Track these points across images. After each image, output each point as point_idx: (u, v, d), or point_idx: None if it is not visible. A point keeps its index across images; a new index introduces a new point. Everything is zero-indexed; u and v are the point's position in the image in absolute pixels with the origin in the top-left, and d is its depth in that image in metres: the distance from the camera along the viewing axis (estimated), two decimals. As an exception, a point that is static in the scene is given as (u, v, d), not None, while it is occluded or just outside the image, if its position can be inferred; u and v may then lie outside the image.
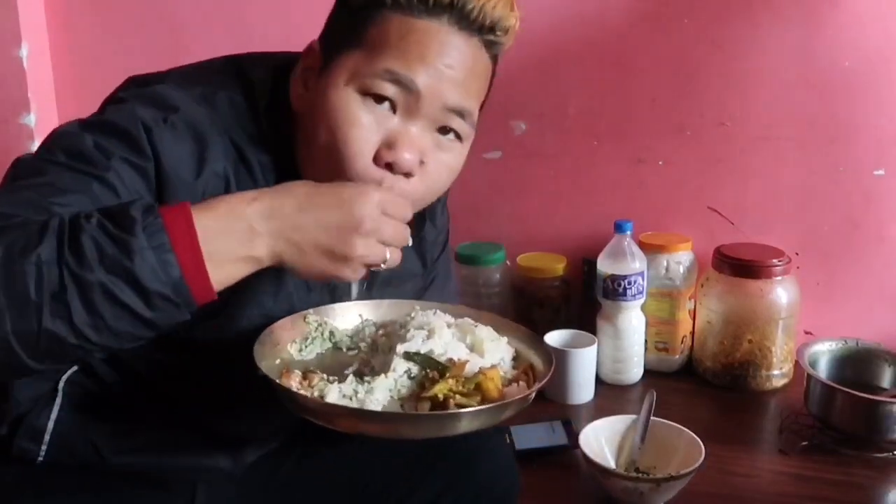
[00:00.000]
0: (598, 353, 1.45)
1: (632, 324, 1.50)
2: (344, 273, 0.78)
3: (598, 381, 1.48)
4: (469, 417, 0.77)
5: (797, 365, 1.44)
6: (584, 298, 1.64)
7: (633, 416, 1.19)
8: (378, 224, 0.77)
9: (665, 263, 1.54)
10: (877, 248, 1.56)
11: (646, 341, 1.53)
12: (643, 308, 1.52)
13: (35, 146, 1.83)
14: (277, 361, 0.88)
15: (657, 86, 1.58)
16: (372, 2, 0.84)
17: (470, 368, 0.84)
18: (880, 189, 1.53)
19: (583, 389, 1.44)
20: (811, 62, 1.51)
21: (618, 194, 1.65)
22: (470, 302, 1.33)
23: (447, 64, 0.84)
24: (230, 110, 0.88)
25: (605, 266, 1.50)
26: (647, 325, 1.53)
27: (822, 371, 1.35)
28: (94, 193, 0.77)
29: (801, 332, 1.56)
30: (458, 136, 0.89)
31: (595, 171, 1.65)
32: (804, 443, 1.28)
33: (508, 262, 1.66)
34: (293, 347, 0.91)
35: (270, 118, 0.90)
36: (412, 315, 0.93)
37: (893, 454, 1.24)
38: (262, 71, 0.92)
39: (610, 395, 1.47)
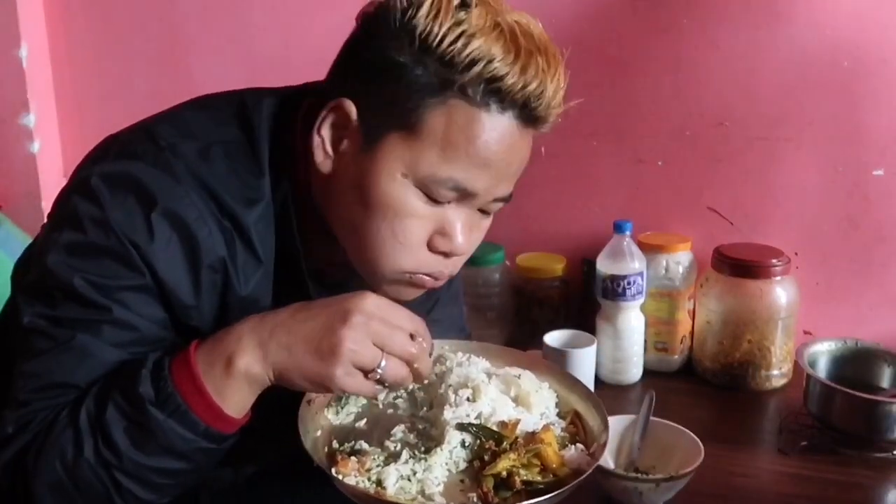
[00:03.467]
0: (597, 353, 1.44)
1: (631, 324, 1.50)
2: (335, 373, 0.75)
3: (598, 381, 1.48)
4: None
5: (796, 365, 1.44)
6: (583, 298, 1.64)
7: (633, 417, 1.19)
8: (368, 320, 0.76)
9: (664, 263, 1.54)
10: (876, 248, 1.56)
11: (645, 341, 1.53)
12: (642, 308, 1.52)
13: (34, 146, 1.84)
14: (319, 433, 0.87)
15: (657, 86, 1.58)
16: (435, 86, 0.78)
17: (520, 427, 0.85)
18: (880, 189, 1.53)
19: (582, 389, 1.44)
20: (811, 62, 1.50)
21: (617, 194, 1.65)
22: (469, 302, 1.33)
23: (508, 163, 0.84)
24: (227, 163, 0.84)
25: (604, 266, 1.50)
26: (647, 325, 1.53)
27: (822, 371, 1.35)
28: (107, 340, 0.80)
29: (801, 332, 1.56)
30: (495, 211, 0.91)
31: (595, 171, 1.65)
32: (804, 443, 1.28)
33: (508, 263, 1.66)
34: (329, 411, 0.89)
35: (272, 164, 0.87)
36: (447, 365, 0.91)
37: (893, 454, 1.24)
38: (264, 109, 0.89)
39: (609, 396, 1.46)
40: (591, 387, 1.45)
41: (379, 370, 0.76)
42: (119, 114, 0.92)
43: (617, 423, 1.18)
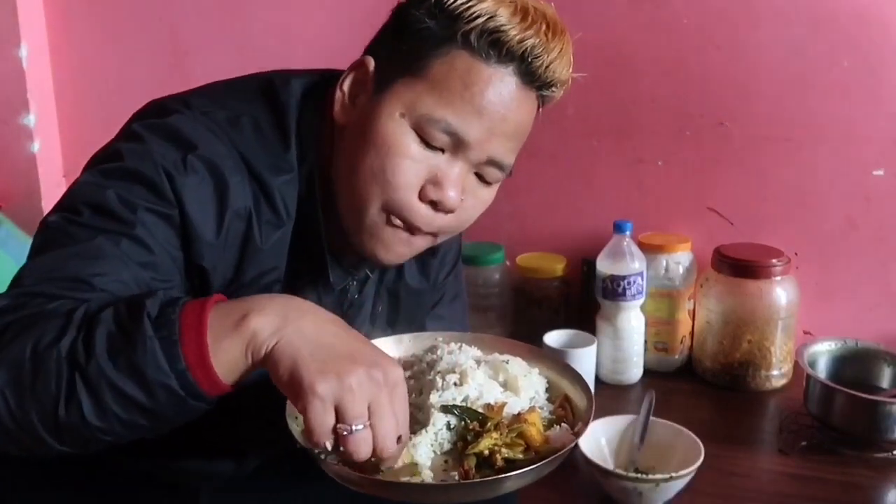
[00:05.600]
0: (597, 353, 1.45)
1: (631, 324, 1.50)
2: (319, 391, 0.67)
3: (598, 381, 1.48)
4: (520, 477, 0.76)
5: (796, 365, 1.44)
6: (583, 299, 1.64)
7: (633, 416, 1.19)
8: (384, 386, 0.70)
9: (664, 263, 1.54)
10: (876, 248, 1.56)
11: (645, 341, 1.53)
12: (642, 308, 1.52)
13: (34, 146, 1.84)
14: None
15: (657, 86, 1.59)
16: (442, 37, 0.84)
17: (508, 410, 0.84)
18: (880, 189, 1.53)
19: (582, 389, 1.44)
20: (811, 62, 1.51)
21: (617, 194, 1.65)
22: (469, 302, 1.33)
23: (503, 116, 0.86)
24: (254, 134, 0.88)
25: (604, 266, 1.50)
26: (647, 325, 1.53)
27: (822, 371, 1.35)
28: (124, 252, 0.78)
29: (801, 332, 1.56)
30: (493, 181, 0.92)
31: (595, 171, 1.66)
32: (804, 443, 1.28)
33: (508, 263, 1.66)
34: None
35: (299, 140, 0.90)
36: (438, 353, 0.91)
37: (893, 454, 1.24)
38: (293, 89, 0.92)
39: (609, 395, 1.47)
40: (591, 388, 1.46)
41: (352, 428, 0.69)
42: (119, 114, 0.92)
43: (617, 423, 1.19)
